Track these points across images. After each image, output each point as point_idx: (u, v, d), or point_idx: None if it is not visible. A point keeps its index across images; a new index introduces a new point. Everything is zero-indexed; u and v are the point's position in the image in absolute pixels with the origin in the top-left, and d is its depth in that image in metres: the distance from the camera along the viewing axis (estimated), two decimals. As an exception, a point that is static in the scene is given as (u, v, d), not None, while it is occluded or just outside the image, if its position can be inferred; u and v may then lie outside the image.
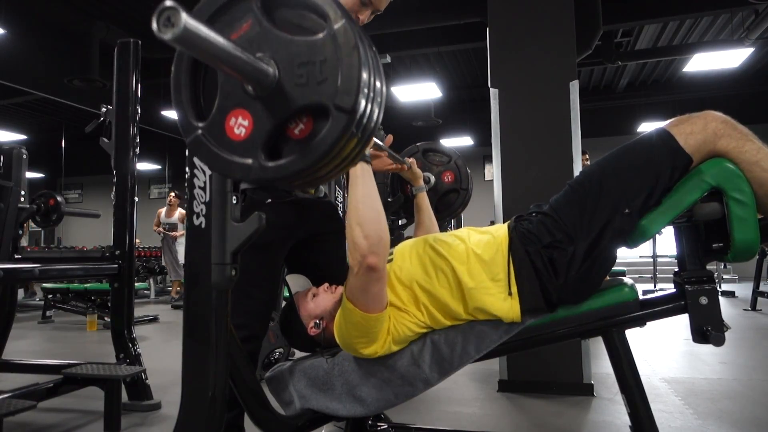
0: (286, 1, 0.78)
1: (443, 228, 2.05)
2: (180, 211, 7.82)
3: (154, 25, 0.57)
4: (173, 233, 7.71)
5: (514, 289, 1.32)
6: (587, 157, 4.69)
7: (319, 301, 1.45)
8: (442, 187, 2.22)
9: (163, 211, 7.89)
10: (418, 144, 2.24)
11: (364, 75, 0.72)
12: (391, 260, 1.43)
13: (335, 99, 0.72)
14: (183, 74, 0.83)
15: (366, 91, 0.73)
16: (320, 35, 0.74)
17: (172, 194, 7.94)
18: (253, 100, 0.77)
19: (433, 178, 2.18)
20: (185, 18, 0.57)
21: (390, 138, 1.84)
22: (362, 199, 1.24)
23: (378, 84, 0.76)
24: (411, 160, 1.88)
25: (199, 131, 0.81)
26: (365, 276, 1.22)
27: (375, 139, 1.49)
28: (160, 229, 7.79)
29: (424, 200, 1.91)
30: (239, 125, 0.79)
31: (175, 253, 7.68)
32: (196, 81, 0.83)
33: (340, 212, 2.26)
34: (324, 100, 0.73)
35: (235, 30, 0.77)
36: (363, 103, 0.73)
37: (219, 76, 0.80)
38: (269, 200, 1.55)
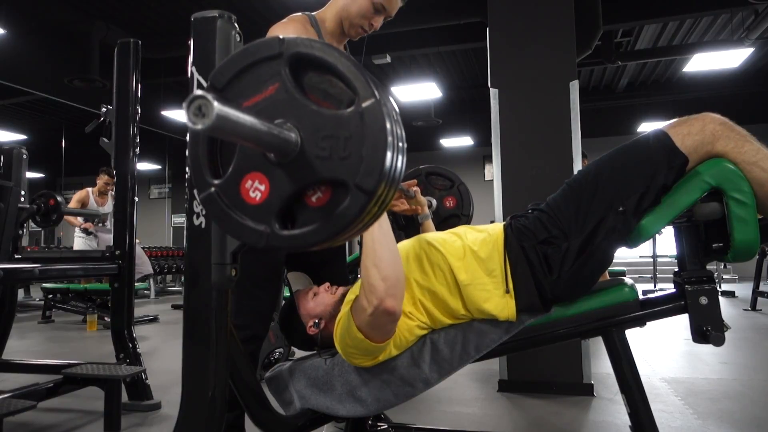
0: (316, 66, 0.74)
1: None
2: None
3: (185, 116, 0.54)
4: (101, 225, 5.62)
5: (511, 286, 1.32)
6: (587, 162, 4.69)
7: (319, 300, 1.45)
8: (443, 212, 2.18)
9: (89, 196, 5.80)
10: (421, 167, 2.20)
11: (388, 157, 0.70)
12: None
13: (356, 178, 0.69)
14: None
15: (388, 172, 0.70)
16: (348, 111, 0.71)
17: (106, 176, 5.79)
18: (272, 165, 0.75)
19: (435, 202, 2.15)
20: (217, 107, 0.55)
21: (413, 182, 1.84)
22: (378, 239, 1.21)
23: (400, 163, 0.74)
24: (416, 189, 1.85)
25: (213, 189, 0.78)
26: (381, 318, 1.20)
27: None
28: (89, 225, 5.56)
29: (429, 227, 1.89)
30: (255, 189, 0.76)
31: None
32: (214, 137, 0.81)
33: None
34: (345, 176, 0.70)
35: (261, 91, 0.74)
36: (384, 184, 0.70)
37: None
38: None
